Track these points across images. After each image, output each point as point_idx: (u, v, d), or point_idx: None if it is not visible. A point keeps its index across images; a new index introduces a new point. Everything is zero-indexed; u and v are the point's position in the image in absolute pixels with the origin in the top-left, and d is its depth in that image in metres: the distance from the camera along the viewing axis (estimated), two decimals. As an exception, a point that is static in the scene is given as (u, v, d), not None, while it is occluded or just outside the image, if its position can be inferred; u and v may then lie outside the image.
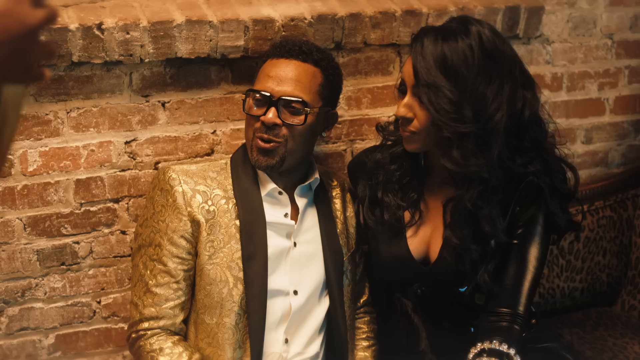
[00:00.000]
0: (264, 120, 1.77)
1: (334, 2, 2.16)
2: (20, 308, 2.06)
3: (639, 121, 2.71)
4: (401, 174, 1.84)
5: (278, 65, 1.81)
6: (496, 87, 1.65)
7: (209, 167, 1.87)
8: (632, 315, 2.55)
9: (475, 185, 1.69)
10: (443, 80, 1.63)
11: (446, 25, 1.74)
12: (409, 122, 1.72)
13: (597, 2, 2.53)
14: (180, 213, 1.78)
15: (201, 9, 2.03)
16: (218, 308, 1.76)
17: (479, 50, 1.65)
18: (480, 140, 1.66)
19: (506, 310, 1.70)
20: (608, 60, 2.59)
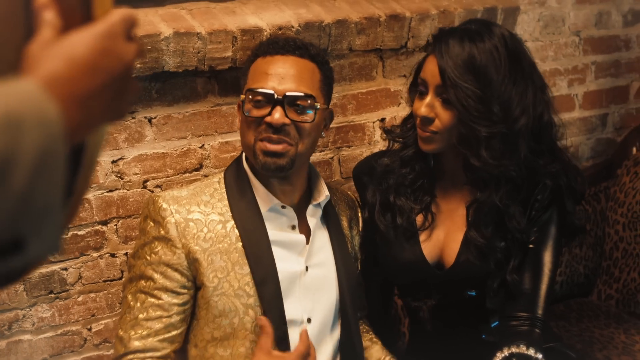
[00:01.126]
0: (271, 121, 1.61)
1: (318, 8, 2.13)
2: (7, 342, 1.95)
3: (606, 115, 2.79)
4: (413, 177, 1.81)
5: (275, 62, 1.66)
6: (521, 90, 1.67)
7: (200, 189, 1.72)
8: (609, 304, 2.62)
9: (503, 185, 1.70)
10: (472, 80, 1.63)
11: (468, 27, 1.73)
12: (430, 122, 1.70)
13: (565, 1, 2.58)
14: (173, 246, 1.64)
15: (186, 20, 1.96)
16: (232, 339, 1.66)
17: (504, 51, 1.66)
18: (508, 141, 1.66)
19: (525, 315, 1.71)
20: (576, 57, 2.65)
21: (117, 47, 0.75)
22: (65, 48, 0.72)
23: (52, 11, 0.74)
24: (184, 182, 2.03)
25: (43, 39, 0.73)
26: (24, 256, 0.67)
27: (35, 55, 0.72)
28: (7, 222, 0.65)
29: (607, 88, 2.75)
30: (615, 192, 2.66)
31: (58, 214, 0.69)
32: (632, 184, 2.61)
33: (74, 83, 0.71)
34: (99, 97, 0.73)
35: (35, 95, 0.68)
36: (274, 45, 1.69)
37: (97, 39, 0.73)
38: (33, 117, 0.66)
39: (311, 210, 1.76)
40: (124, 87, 0.76)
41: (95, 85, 0.73)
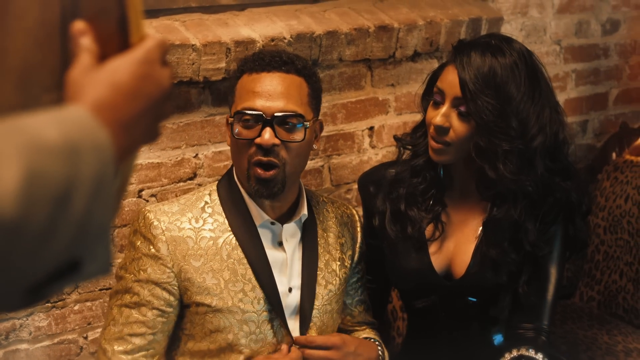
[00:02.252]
0: (261, 142, 1.60)
1: (308, 20, 2.17)
2: (4, 351, 1.96)
3: (586, 121, 2.87)
4: (425, 186, 1.81)
5: (261, 80, 1.63)
6: (539, 108, 1.69)
7: (192, 203, 1.71)
8: (592, 306, 2.69)
9: (520, 200, 1.73)
10: (492, 94, 1.64)
11: (489, 41, 1.73)
12: (444, 132, 1.70)
13: (546, 11, 2.65)
14: (163, 264, 1.64)
15: (180, 31, 2.00)
16: (227, 352, 1.69)
17: (524, 68, 1.68)
18: (524, 158, 1.69)
19: (531, 325, 1.76)
20: (557, 65, 2.72)
21: (155, 72, 0.77)
22: (108, 74, 0.74)
23: (89, 37, 0.76)
24: (179, 191, 2.06)
25: (83, 65, 0.75)
26: (78, 277, 0.70)
27: (78, 82, 0.74)
28: (67, 245, 0.67)
29: (587, 95, 2.83)
30: (596, 197, 2.73)
31: (108, 236, 0.72)
32: (612, 189, 2.69)
33: (118, 109, 0.73)
34: (140, 121, 0.76)
35: (87, 121, 0.70)
36: (260, 61, 1.67)
37: (137, 65, 0.75)
38: (89, 144, 0.68)
39: (292, 228, 1.74)
40: (161, 110, 0.79)
41: (137, 110, 0.75)
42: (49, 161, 0.65)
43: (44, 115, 0.69)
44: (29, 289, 0.68)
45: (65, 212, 0.66)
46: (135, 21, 0.78)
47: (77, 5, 0.77)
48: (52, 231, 0.65)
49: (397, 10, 2.32)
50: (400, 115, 2.40)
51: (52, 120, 0.68)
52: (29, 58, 0.77)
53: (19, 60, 0.76)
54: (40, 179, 0.64)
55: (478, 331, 1.88)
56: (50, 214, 0.65)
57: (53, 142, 0.66)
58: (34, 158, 0.64)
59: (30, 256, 0.65)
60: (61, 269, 0.68)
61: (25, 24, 0.76)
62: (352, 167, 2.36)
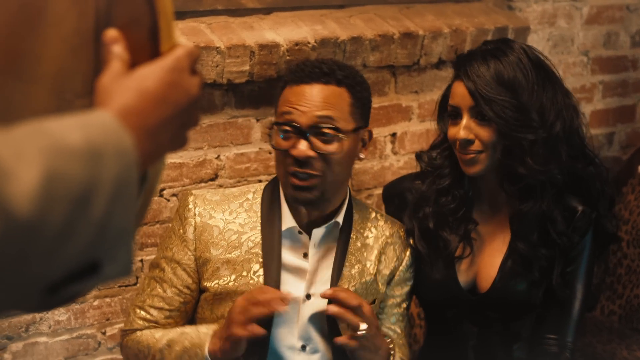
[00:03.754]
0: (296, 154, 1.62)
1: (333, 25, 2.18)
2: (24, 343, 2.00)
3: (612, 134, 2.84)
4: (454, 206, 1.80)
5: (300, 92, 1.66)
6: (551, 95, 1.71)
7: (233, 197, 1.76)
8: (613, 320, 2.66)
9: (549, 190, 1.73)
10: (504, 92, 1.66)
11: (485, 47, 1.77)
12: (470, 143, 1.70)
13: (574, 21, 2.63)
14: (187, 247, 1.71)
15: (205, 34, 2.02)
16: None
17: (527, 61, 1.70)
18: (549, 146, 1.70)
19: (555, 339, 1.75)
20: (584, 76, 2.70)
21: (184, 80, 0.78)
22: (136, 81, 0.76)
23: (121, 45, 0.78)
24: (200, 191, 2.08)
25: (114, 72, 0.77)
26: (99, 278, 0.71)
27: (108, 88, 0.76)
28: (86, 246, 0.68)
29: (614, 107, 2.80)
30: (620, 210, 2.70)
31: (130, 239, 0.73)
32: (636, 202, 2.66)
33: (145, 115, 0.75)
34: (166, 128, 0.77)
35: (112, 126, 0.71)
36: (300, 73, 1.68)
37: (166, 73, 0.77)
38: (111, 148, 0.69)
39: (321, 233, 1.72)
40: (189, 118, 0.80)
41: (164, 117, 0.76)
42: (69, 163, 0.66)
43: (69, 119, 0.70)
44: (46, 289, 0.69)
45: (85, 213, 0.67)
46: (167, 30, 0.79)
47: (110, 14, 0.79)
48: (70, 232, 0.67)
49: (422, 17, 2.33)
50: (423, 123, 2.40)
51: (76, 124, 0.70)
52: (64, 65, 0.78)
53: (54, 66, 0.78)
54: (59, 180, 0.65)
55: (499, 346, 1.87)
56: (68, 215, 0.66)
57: (75, 145, 0.67)
58: (54, 160, 0.65)
59: (47, 256, 0.66)
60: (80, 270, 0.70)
61: (61, 32, 0.78)
62: (373, 172, 2.36)
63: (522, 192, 1.75)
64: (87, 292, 0.81)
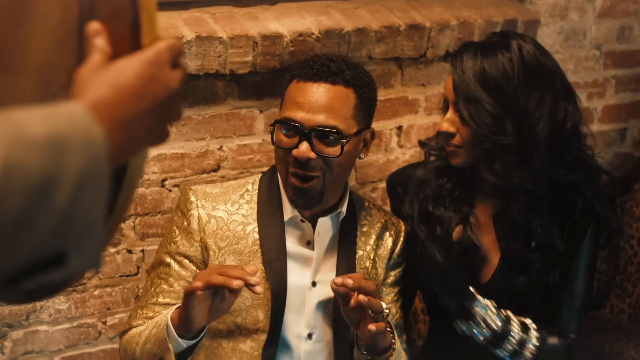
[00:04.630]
0: (297, 155, 1.62)
1: (339, 16, 2.16)
2: (24, 331, 2.00)
3: (625, 129, 2.79)
4: (450, 187, 1.81)
5: (306, 90, 1.65)
6: (537, 99, 1.66)
7: (232, 189, 1.77)
8: (622, 318, 2.62)
9: (520, 197, 1.71)
10: (482, 93, 1.64)
11: (487, 40, 1.76)
12: (451, 136, 1.71)
13: (586, 15, 2.58)
14: (192, 238, 1.71)
15: (209, 24, 2.00)
16: (235, 335, 1.71)
17: (519, 63, 1.67)
18: (522, 152, 1.67)
19: (557, 329, 1.74)
20: (596, 70, 2.66)
21: (163, 74, 0.78)
22: (113, 74, 0.76)
23: (103, 38, 0.78)
24: (201, 182, 2.07)
25: (93, 64, 0.77)
26: (65, 270, 0.71)
27: (84, 80, 0.76)
28: (49, 237, 0.68)
29: (627, 102, 2.75)
30: (631, 207, 2.66)
31: (99, 232, 0.72)
32: (648, 200, 2.61)
33: (119, 108, 0.75)
34: (142, 122, 0.77)
35: (82, 118, 0.72)
36: (309, 69, 1.67)
37: (144, 66, 0.77)
38: (78, 139, 0.69)
39: (325, 223, 1.75)
40: (168, 112, 0.80)
41: (139, 110, 0.76)
42: (29, 153, 0.66)
43: (37, 110, 0.70)
44: (7, 279, 0.69)
45: (45, 204, 0.67)
46: (148, 23, 0.79)
47: (93, 7, 0.79)
48: (28, 222, 0.66)
49: (430, 9, 2.30)
50: (430, 116, 2.37)
51: (43, 115, 0.69)
52: (49, 57, 0.79)
53: (40, 58, 0.78)
54: (16, 170, 0.65)
55: None
56: (25, 205, 0.65)
57: (37, 135, 0.67)
58: (13, 149, 0.65)
59: (4, 245, 0.66)
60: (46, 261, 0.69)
61: (46, 24, 0.78)
62: (378, 165, 2.34)
63: (498, 193, 1.75)
64: (62, 287, 0.79)
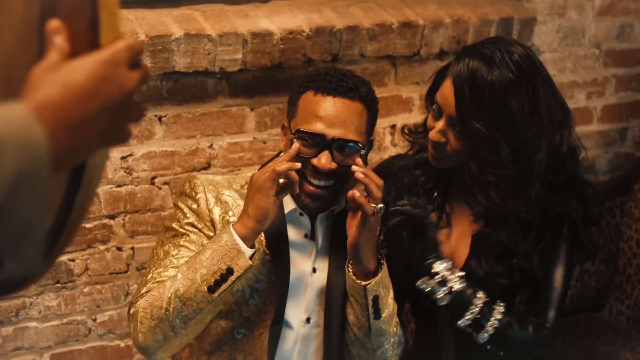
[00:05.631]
0: (318, 165, 1.67)
1: (330, 14, 2.15)
2: (14, 327, 2.01)
3: (625, 129, 2.76)
4: (425, 179, 1.82)
5: (326, 104, 1.70)
6: (537, 130, 1.65)
7: (234, 179, 1.82)
8: (620, 320, 2.58)
9: (512, 223, 1.70)
10: (486, 119, 1.61)
11: (487, 54, 1.66)
12: (442, 146, 1.70)
13: (585, 13, 2.55)
14: (203, 219, 1.74)
15: (198, 21, 2.00)
16: (235, 315, 1.73)
17: (523, 84, 1.63)
18: (519, 182, 1.66)
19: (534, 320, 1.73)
20: (596, 69, 2.63)
21: (118, 74, 0.77)
22: (64, 74, 0.75)
23: (62, 36, 0.77)
24: (192, 180, 2.07)
25: (48, 63, 0.76)
26: (2, 273, 0.69)
27: (36, 79, 0.75)
28: None
29: (628, 102, 2.72)
30: (630, 208, 2.62)
31: (38, 235, 0.71)
32: (648, 200, 2.58)
33: (66, 109, 0.73)
34: (94, 123, 0.75)
35: (22, 119, 0.70)
36: (328, 84, 1.71)
37: (98, 67, 0.76)
38: (14, 140, 0.68)
39: (324, 216, 1.80)
40: (124, 113, 0.78)
41: (90, 112, 0.75)
42: None
43: None
44: None
45: None
46: (108, 23, 0.78)
47: (55, 4, 0.78)
48: None
49: (424, 6, 2.28)
50: (425, 115, 2.35)
51: None
52: (11, 53, 0.78)
53: (2, 54, 0.77)
54: None
55: None
56: None
57: None
58: None
59: None
60: None
61: (10, 20, 0.77)
62: (371, 164, 2.31)
63: (487, 216, 1.74)
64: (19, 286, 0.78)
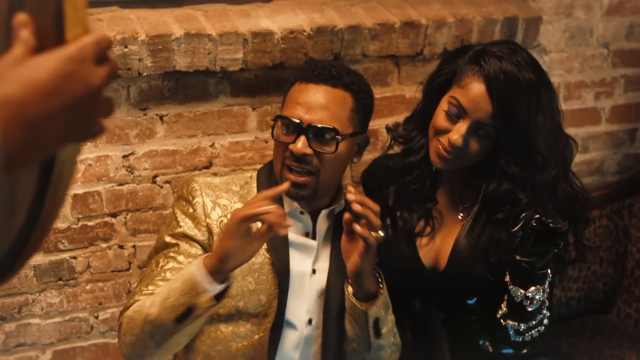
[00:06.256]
0: (293, 150, 1.69)
1: (332, 13, 2.15)
2: (17, 324, 2.03)
3: (634, 130, 2.73)
4: (415, 185, 1.81)
5: (307, 91, 1.73)
6: (556, 139, 1.70)
7: (232, 180, 1.83)
8: (628, 323, 2.56)
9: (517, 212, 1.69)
10: (522, 126, 1.63)
11: (508, 53, 1.66)
12: (460, 149, 1.68)
13: (593, 12, 2.53)
14: (199, 223, 1.75)
15: (199, 21, 2.01)
16: (235, 319, 1.74)
17: (544, 92, 1.66)
18: (548, 186, 1.70)
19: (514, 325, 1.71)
20: (604, 69, 2.60)
21: (83, 70, 0.76)
22: (26, 70, 0.74)
23: (28, 30, 0.76)
24: (193, 179, 2.08)
25: (11, 58, 0.75)
26: None
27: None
28: None
29: (637, 102, 2.69)
30: (638, 210, 2.60)
31: None
32: (657, 202, 2.55)
33: (25, 106, 0.72)
34: (54, 120, 0.74)
35: None
36: (310, 72, 1.75)
37: (61, 63, 0.75)
38: None
39: (324, 215, 1.80)
40: (89, 109, 0.77)
41: (50, 108, 0.74)
42: None
43: None
44: None
45: None
46: (73, 17, 0.77)
47: None
48: None
49: (428, 6, 2.27)
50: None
51: None
52: None
53: None
54: None
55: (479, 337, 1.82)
56: None
57: None
58: None
59: None
60: None
61: None
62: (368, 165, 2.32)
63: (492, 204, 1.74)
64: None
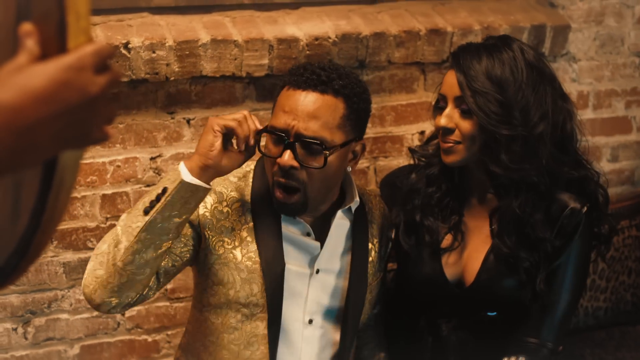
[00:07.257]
0: (280, 162, 1.60)
1: (358, 20, 2.17)
2: (46, 319, 2.11)
3: (667, 140, 2.69)
4: (440, 196, 1.80)
5: (294, 98, 1.62)
6: (540, 96, 1.69)
7: (236, 170, 1.74)
8: (656, 335, 2.52)
9: (523, 192, 1.71)
10: (490, 87, 1.66)
11: (486, 42, 1.77)
12: (450, 132, 1.70)
13: (625, 20, 2.51)
14: None
15: (227, 27, 2.06)
16: (225, 309, 1.71)
17: (522, 61, 1.69)
18: (528, 146, 1.68)
19: (536, 341, 1.71)
20: (635, 78, 2.57)
21: (81, 79, 0.77)
22: (23, 77, 0.76)
23: (33, 39, 0.78)
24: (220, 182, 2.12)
25: (14, 65, 0.77)
26: None
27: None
28: None
29: (670, 112, 2.65)
30: (668, 220, 2.56)
31: None
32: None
33: (18, 112, 0.75)
34: (47, 126, 0.76)
35: None
36: (298, 77, 1.64)
37: (59, 71, 0.77)
38: None
39: (340, 216, 1.75)
40: (87, 116, 0.79)
41: (43, 115, 0.76)
42: None
43: None
44: None
45: None
46: (76, 26, 0.78)
47: (29, 7, 0.80)
48: None
49: (455, 14, 2.28)
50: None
51: None
52: None
53: None
54: None
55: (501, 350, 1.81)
56: None
57: None
58: None
59: None
60: None
61: None
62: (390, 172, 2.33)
63: (501, 189, 1.74)
64: None
